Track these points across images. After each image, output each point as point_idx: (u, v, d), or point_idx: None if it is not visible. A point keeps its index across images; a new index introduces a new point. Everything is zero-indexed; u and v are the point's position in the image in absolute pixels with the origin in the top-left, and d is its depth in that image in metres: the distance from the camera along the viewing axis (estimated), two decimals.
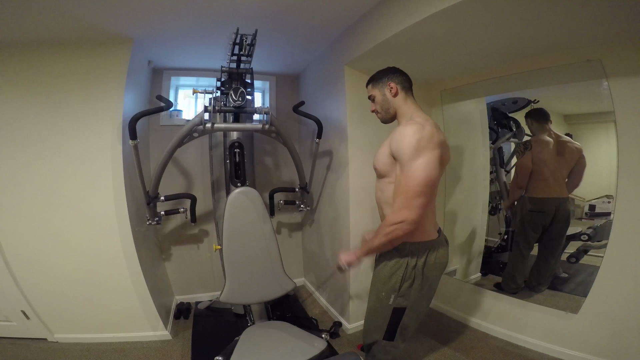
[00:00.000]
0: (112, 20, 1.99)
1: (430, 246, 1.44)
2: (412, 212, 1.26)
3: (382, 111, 1.55)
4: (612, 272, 1.88)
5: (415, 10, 1.64)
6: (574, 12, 1.51)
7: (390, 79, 1.51)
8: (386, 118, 1.56)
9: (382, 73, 1.55)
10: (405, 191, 1.26)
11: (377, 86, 1.55)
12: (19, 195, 2.17)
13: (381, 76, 1.54)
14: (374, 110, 1.60)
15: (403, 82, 1.51)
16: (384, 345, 1.53)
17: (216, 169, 2.55)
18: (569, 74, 2.00)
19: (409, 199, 1.25)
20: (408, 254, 1.42)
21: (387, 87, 1.51)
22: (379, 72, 1.57)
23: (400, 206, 1.27)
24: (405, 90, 1.51)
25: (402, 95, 1.50)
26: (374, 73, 1.59)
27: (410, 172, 1.26)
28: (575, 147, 2.18)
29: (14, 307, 2.29)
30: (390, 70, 1.54)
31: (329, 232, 2.79)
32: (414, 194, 1.25)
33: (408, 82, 1.53)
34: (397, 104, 1.50)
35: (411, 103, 1.50)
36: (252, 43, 2.05)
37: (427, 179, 1.25)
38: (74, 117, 2.17)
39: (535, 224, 2.38)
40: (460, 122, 2.73)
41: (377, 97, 1.55)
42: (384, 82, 1.52)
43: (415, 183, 1.25)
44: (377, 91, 1.54)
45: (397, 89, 1.49)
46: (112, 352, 2.28)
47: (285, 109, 3.25)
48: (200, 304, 2.98)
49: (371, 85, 1.58)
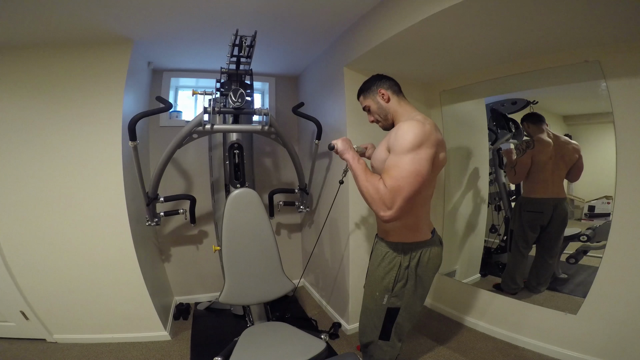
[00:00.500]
0: (112, 22, 2.00)
1: (423, 246, 1.45)
2: (396, 209, 1.24)
3: (382, 119, 1.55)
4: (611, 273, 1.88)
5: (414, 12, 1.64)
6: (572, 13, 1.51)
7: (379, 85, 1.51)
8: (387, 125, 1.56)
9: (370, 82, 1.56)
10: (397, 178, 1.23)
11: (368, 96, 1.55)
12: (18, 196, 2.18)
13: (369, 85, 1.55)
14: (373, 121, 1.60)
15: (392, 86, 1.52)
16: (381, 345, 1.53)
17: (216, 170, 2.55)
18: (568, 75, 2.00)
19: (398, 191, 1.22)
20: (401, 254, 1.43)
21: (379, 94, 1.51)
22: (365, 82, 1.58)
23: (392, 195, 1.23)
24: (397, 93, 1.51)
25: (394, 99, 1.50)
26: (360, 85, 1.60)
27: (400, 161, 1.25)
28: (573, 146, 2.19)
29: (13, 307, 2.29)
30: (376, 77, 1.55)
31: (328, 234, 2.79)
32: (404, 183, 1.22)
33: (396, 85, 1.54)
34: (393, 108, 1.50)
35: (405, 104, 1.50)
36: (252, 44, 2.05)
37: (418, 173, 1.23)
38: (73, 118, 2.17)
39: (533, 224, 2.38)
40: (460, 123, 2.73)
41: (372, 106, 1.55)
42: (374, 90, 1.52)
43: (407, 174, 1.23)
44: (370, 100, 1.55)
45: (388, 95, 1.49)
46: (110, 353, 2.28)
47: (285, 110, 3.26)
48: (199, 305, 2.98)
49: (362, 96, 1.59)
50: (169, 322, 2.64)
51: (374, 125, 1.60)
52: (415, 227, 1.45)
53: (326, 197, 2.83)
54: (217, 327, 2.63)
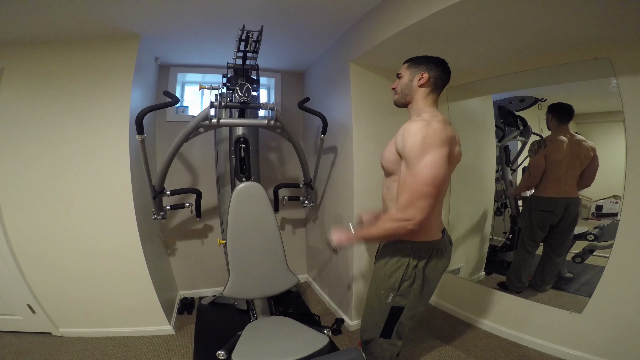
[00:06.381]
0: (120, 17, 2.01)
1: (433, 246, 1.41)
2: (418, 213, 1.21)
3: (400, 94, 1.47)
4: (618, 272, 1.86)
5: (421, 7, 1.63)
6: (582, 9, 1.49)
7: (428, 69, 1.40)
8: (400, 102, 1.49)
9: (425, 59, 1.44)
10: (412, 190, 1.21)
11: (411, 68, 1.44)
12: (26, 190, 2.20)
13: (420, 62, 1.43)
14: (394, 88, 1.51)
15: (437, 79, 1.41)
16: (381, 342, 1.51)
17: (221, 164, 2.56)
18: (577, 72, 1.98)
19: (416, 199, 1.20)
20: (410, 253, 1.39)
21: (420, 75, 1.40)
22: (422, 57, 1.46)
23: (407, 204, 1.22)
24: (434, 87, 1.41)
25: (426, 90, 1.41)
26: (419, 55, 1.47)
27: (417, 170, 1.21)
28: (589, 146, 2.14)
29: (20, 301, 2.31)
30: (434, 60, 1.43)
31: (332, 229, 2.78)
32: (419, 193, 1.20)
33: (442, 80, 1.42)
34: (417, 95, 1.42)
35: (430, 100, 1.42)
36: (258, 39, 2.05)
37: (435, 177, 1.20)
38: (82, 112, 2.19)
39: (543, 223, 2.35)
40: (467, 119, 2.72)
41: (404, 79, 1.45)
42: (420, 69, 1.41)
43: (422, 182, 1.19)
44: (408, 73, 1.44)
45: (426, 82, 1.39)
46: (115, 347, 2.30)
47: (291, 106, 3.25)
48: (203, 299, 3.00)
49: (407, 65, 1.47)
50: (173, 317, 2.65)
51: (378, 122, 1.57)
52: (427, 226, 1.38)
53: (331, 192, 2.83)
54: (220, 321, 2.64)
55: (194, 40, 2.47)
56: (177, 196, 2.56)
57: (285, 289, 2.06)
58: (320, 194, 3.05)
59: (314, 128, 3.04)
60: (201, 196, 2.62)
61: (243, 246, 1.98)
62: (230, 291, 1.96)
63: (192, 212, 2.65)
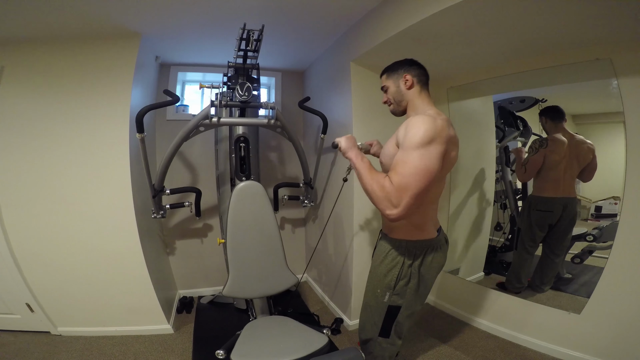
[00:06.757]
0: (121, 16, 2.00)
1: (428, 245, 1.41)
2: (402, 210, 1.19)
3: (395, 103, 1.49)
4: (617, 273, 1.87)
5: (422, 7, 1.63)
6: (583, 9, 1.49)
7: (407, 70, 1.43)
8: (397, 111, 1.50)
9: (399, 64, 1.47)
10: (402, 174, 1.19)
11: (391, 77, 1.48)
12: (25, 188, 2.19)
13: (397, 68, 1.47)
14: (386, 102, 1.53)
15: (420, 76, 1.44)
16: (380, 342, 1.52)
17: (221, 163, 2.56)
18: (578, 73, 1.98)
19: (404, 190, 1.18)
20: (405, 252, 1.40)
21: (403, 79, 1.43)
22: (395, 62, 1.49)
23: (397, 193, 1.18)
24: (422, 84, 1.44)
25: (417, 88, 1.43)
26: (390, 63, 1.51)
27: (409, 157, 1.19)
28: (588, 146, 2.15)
29: (19, 300, 2.31)
30: (407, 62, 1.47)
31: (332, 229, 2.79)
32: (407, 185, 1.17)
33: (425, 75, 1.46)
34: (411, 96, 1.43)
35: (425, 97, 1.43)
36: (259, 38, 2.05)
37: (425, 168, 1.17)
38: (82, 111, 2.19)
39: (542, 222, 2.36)
40: (467, 120, 2.71)
41: (391, 88, 1.48)
42: (400, 73, 1.45)
43: (411, 171, 1.17)
44: (392, 82, 1.47)
45: (412, 82, 1.42)
46: (114, 346, 2.29)
47: (291, 105, 3.25)
48: (203, 299, 3.00)
49: (386, 75, 1.51)
50: (172, 316, 2.65)
51: (380, 121, 1.57)
52: (422, 225, 1.41)
53: (331, 191, 2.83)
54: (219, 320, 2.64)
55: (195, 39, 2.46)
56: (176, 195, 2.55)
57: (284, 289, 2.06)
58: (320, 193, 3.05)
59: (314, 127, 3.03)
60: (201, 195, 2.62)
61: (242, 245, 1.97)
62: (229, 290, 1.96)
63: (191, 211, 2.65)
